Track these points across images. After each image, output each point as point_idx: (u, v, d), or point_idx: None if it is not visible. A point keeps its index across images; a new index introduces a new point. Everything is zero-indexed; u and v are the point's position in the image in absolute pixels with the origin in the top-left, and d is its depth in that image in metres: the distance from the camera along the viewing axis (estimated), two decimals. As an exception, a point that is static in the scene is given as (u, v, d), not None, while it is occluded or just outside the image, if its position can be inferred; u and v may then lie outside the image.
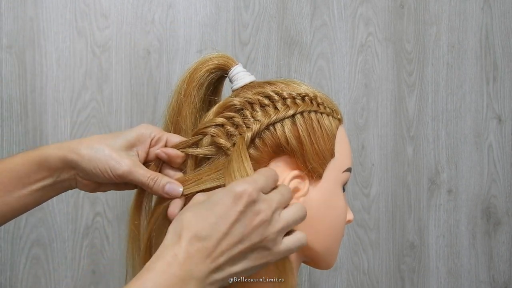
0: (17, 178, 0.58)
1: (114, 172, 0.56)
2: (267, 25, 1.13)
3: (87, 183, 0.59)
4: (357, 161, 1.19)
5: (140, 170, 0.57)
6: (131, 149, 0.58)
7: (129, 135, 0.59)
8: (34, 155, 0.58)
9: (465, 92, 1.26)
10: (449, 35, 1.25)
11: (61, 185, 0.60)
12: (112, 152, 0.57)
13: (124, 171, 0.56)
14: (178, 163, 0.59)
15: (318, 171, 0.58)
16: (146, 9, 1.06)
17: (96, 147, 0.57)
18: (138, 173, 0.56)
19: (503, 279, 1.29)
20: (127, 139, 0.58)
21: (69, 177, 0.59)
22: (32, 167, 0.58)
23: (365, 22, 1.19)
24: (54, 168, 0.58)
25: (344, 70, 1.18)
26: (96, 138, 0.58)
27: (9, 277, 1.01)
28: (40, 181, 0.58)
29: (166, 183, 0.56)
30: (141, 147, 0.59)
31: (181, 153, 0.58)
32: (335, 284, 1.18)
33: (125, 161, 0.56)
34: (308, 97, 0.60)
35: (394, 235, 1.22)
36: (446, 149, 1.25)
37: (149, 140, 0.59)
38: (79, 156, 0.57)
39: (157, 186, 0.56)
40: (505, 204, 1.29)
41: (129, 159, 0.57)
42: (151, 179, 0.56)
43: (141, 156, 0.59)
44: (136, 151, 0.59)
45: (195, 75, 0.62)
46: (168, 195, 0.56)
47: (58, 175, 0.58)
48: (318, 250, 0.61)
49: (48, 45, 1.02)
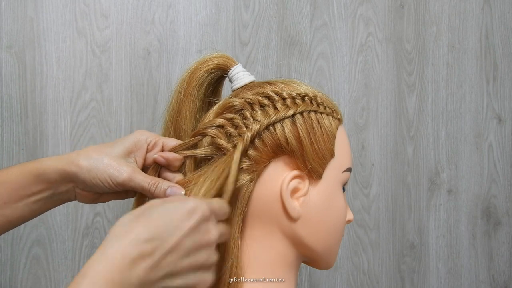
0: (14, 190, 0.57)
1: (114, 180, 0.56)
2: (267, 25, 1.13)
3: (86, 194, 0.59)
4: (357, 161, 1.19)
5: (140, 176, 0.57)
6: (129, 156, 0.58)
7: (126, 143, 0.59)
8: (32, 167, 0.58)
9: (465, 92, 1.26)
10: (449, 35, 1.25)
11: (59, 198, 0.59)
12: (111, 160, 0.57)
13: (125, 179, 0.56)
14: (176, 166, 0.59)
15: (318, 171, 0.58)
16: (146, 9, 1.06)
17: (95, 157, 0.57)
18: (139, 179, 0.56)
19: (503, 279, 1.29)
20: (124, 146, 0.58)
21: (68, 189, 0.59)
22: (30, 180, 0.57)
23: (365, 22, 1.19)
24: (52, 181, 0.57)
25: (344, 70, 1.18)
26: (93, 149, 0.58)
27: (9, 277, 1.01)
28: (37, 193, 0.58)
29: (167, 187, 0.56)
30: (139, 153, 0.59)
31: (179, 156, 0.59)
32: (335, 284, 1.18)
33: (124, 168, 0.56)
34: (308, 97, 0.60)
35: (394, 235, 1.22)
36: (446, 149, 1.25)
37: (146, 145, 0.59)
38: (78, 168, 0.56)
39: (158, 191, 0.56)
40: (505, 204, 1.29)
41: (128, 166, 0.57)
42: (152, 184, 0.56)
43: (139, 162, 0.59)
44: (134, 158, 0.59)
45: (195, 75, 0.62)
46: None
47: (56, 188, 0.58)
48: (318, 250, 0.61)
49: (48, 45, 1.02)
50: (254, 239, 0.58)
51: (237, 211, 0.56)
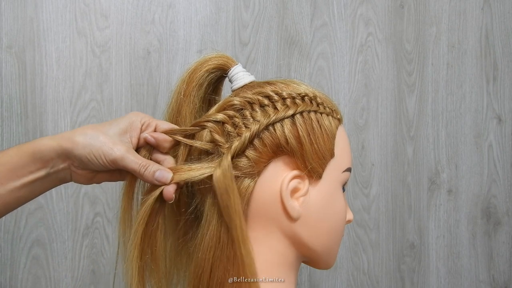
0: (11, 170, 0.58)
1: (108, 157, 0.57)
2: (267, 25, 1.13)
3: (81, 173, 0.60)
4: (357, 161, 1.19)
5: (131, 156, 0.57)
6: (124, 135, 0.59)
7: (121, 123, 0.60)
8: (28, 146, 0.58)
9: (465, 92, 1.26)
10: (449, 35, 1.25)
11: (55, 177, 0.60)
12: (106, 138, 0.57)
13: (117, 157, 0.57)
14: (166, 147, 0.60)
15: (318, 171, 0.58)
16: (146, 9, 1.06)
17: (90, 134, 0.58)
18: (130, 159, 0.57)
19: (503, 279, 1.29)
20: (119, 126, 0.59)
21: (64, 167, 0.59)
22: (26, 159, 0.58)
23: (365, 22, 1.19)
24: (48, 159, 0.58)
25: (344, 70, 1.18)
26: (89, 127, 0.59)
27: (9, 277, 1.01)
28: (33, 172, 0.58)
29: (156, 170, 0.57)
30: (133, 134, 0.60)
31: (168, 137, 0.59)
32: (335, 284, 1.18)
33: (118, 147, 0.57)
34: (308, 97, 0.60)
35: (394, 235, 1.22)
36: (446, 149, 1.25)
37: (140, 126, 0.60)
38: (73, 144, 0.57)
39: (147, 173, 0.57)
40: (505, 204, 1.29)
41: (122, 145, 0.58)
42: (142, 166, 0.57)
43: (133, 142, 0.60)
44: (129, 138, 0.60)
45: (195, 75, 0.62)
46: (158, 182, 0.57)
47: (52, 166, 0.58)
48: (317, 250, 0.61)
49: (48, 45, 1.02)
50: (254, 239, 0.58)
51: None
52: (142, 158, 0.58)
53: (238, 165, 0.57)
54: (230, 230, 0.55)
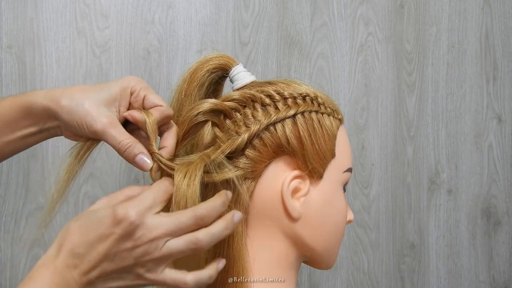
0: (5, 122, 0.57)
1: (89, 128, 0.54)
2: (267, 25, 1.13)
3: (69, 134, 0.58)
4: (357, 161, 1.19)
5: (114, 131, 0.54)
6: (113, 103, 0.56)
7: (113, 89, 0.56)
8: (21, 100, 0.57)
9: (465, 92, 1.26)
10: (449, 35, 1.25)
11: (47, 132, 0.59)
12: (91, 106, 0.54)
13: (97, 130, 0.54)
14: None
15: (318, 171, 0.58)
16: (146, 9, 1.06)
17: (76, 99, 0.54)
18: (110, 135, 0.54)
19: (503, 279, 1.29)
20: (110, 92, 0.56)
21: (54, 126, 0.58)
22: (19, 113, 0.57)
23: (365, 22, 1.19)
24: (39, 116, 0.57)
25: (344, 70, 1.18)
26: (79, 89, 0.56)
27: (9, 277, 1.01)
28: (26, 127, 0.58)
29: (138, 153, 0.54)
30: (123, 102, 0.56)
31: None
32: (335, 284, 1.18)
33: (102, 119, 0.54)
34: (309, 97, 0.60)
35: (394, 235, 1.22)
36: (446, 149, 1.25)
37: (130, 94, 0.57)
38: (59, 107, 0.55)
39: (128, 153, 0.54)
40: (505, 204, 1.29)
41: (106, 117, 0.54)
42: (123, 144, 0.54)
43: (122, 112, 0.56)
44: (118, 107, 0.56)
45: (196, 75, 0.62)
46: (137, 166, 0.55)
47: (43, 124, 0.58)
48: (318, 250, 0.61)
49: (48, 45, 1.02)
50: (255, 239, 0.58)
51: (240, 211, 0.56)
52: (126, 135, 0.54)
53: (239, 165, 0.57)
54: None
